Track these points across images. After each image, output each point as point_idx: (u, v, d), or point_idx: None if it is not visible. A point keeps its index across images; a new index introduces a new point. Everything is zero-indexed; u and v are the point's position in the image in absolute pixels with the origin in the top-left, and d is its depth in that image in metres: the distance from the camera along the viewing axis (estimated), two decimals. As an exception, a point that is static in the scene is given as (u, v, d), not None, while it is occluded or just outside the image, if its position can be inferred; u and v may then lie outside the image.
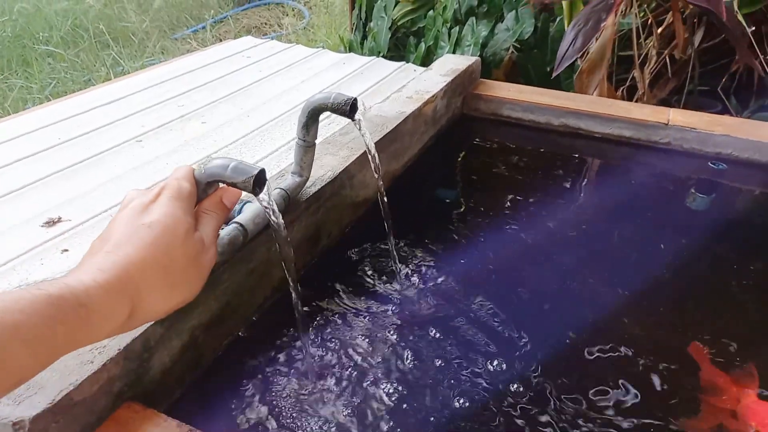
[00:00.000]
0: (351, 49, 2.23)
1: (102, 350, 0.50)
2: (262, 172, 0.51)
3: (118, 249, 0.43)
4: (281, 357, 0.65)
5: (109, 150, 0.99)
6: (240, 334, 0.66)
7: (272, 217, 0.55)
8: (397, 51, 2.12)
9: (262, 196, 0.52)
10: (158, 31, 3.44)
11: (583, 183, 1.09)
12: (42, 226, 0.76)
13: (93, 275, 0.40)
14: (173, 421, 0.50)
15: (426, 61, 1.94)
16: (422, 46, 1.92)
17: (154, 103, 1.17)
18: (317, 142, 0.71)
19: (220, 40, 3.42)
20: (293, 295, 0.60)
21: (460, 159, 1.14)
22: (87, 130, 1.05)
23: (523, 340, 0.68)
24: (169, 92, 1.22)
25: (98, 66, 2.90)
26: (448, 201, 1.00)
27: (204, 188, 0.52)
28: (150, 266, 0.44)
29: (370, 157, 0.69)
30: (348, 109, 0.64)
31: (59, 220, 0.77)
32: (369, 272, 0.79)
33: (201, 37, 3.47)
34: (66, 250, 0.72)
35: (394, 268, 0.78)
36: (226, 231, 0.62)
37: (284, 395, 0.61)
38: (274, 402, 0.60)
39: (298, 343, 0.66)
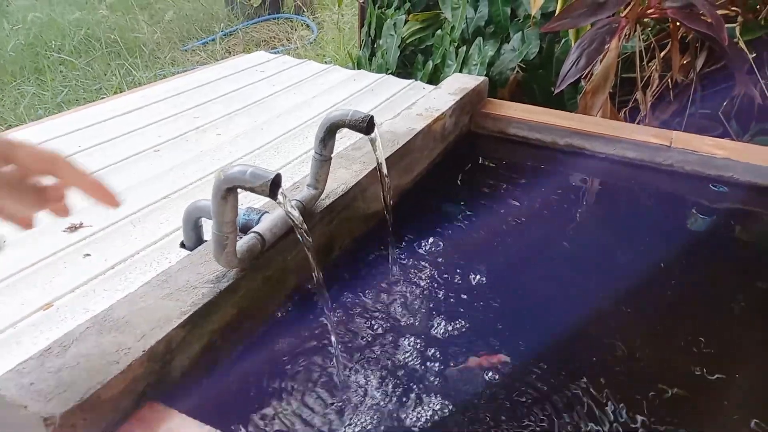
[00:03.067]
0: (359, 65, 2.27)
1: (128, 351, 0.52)
2: (278, 176, 0.53)
3: None
4: (295, 361, 0.67)
5: (128, 158, 1.02)
6: (255, 338, 0.68)
7: (293, 219, 0.58)
8: (404, 68, 2.16)
9: (279, 198, 0.54)
10: (169, 43, 3.49)
11: (587, 202, 1.12)
12: (64, 231, 0.79)
13: None
14: (194, 422, 0.53)
15: (433, 78, 1.98)
16: (430, 64, 1.96)
17: (170, 114, 1.20)
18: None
19: (230, 53, 3.48)
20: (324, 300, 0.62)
21: (466, 175, 1.16)
22: (106, 139, 1.08)
23: (516, 348, 0.71)
24: (185, 104, 1.26)
25: (109, 75, 2.95)
26: (454, 216, 1.03)
27: (224, 194, 0.55)
28: None
29: (381, 176, 0.72)
30: (365, 126, 0.67)
31: (81, 225, 0.80)
32: (375, 282, 0.81)
33: (210, 49, 3.53)
34: (88, 255, 0.74)
35: (396, 279, 0.81)
36: (246, 239, 0.64)
37: (297, 397, 0.63)
38: (288, 403, 0.62)
39: (312, 346, 0.68)
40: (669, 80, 1.81)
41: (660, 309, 0.82)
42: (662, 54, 1.79)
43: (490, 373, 0.67)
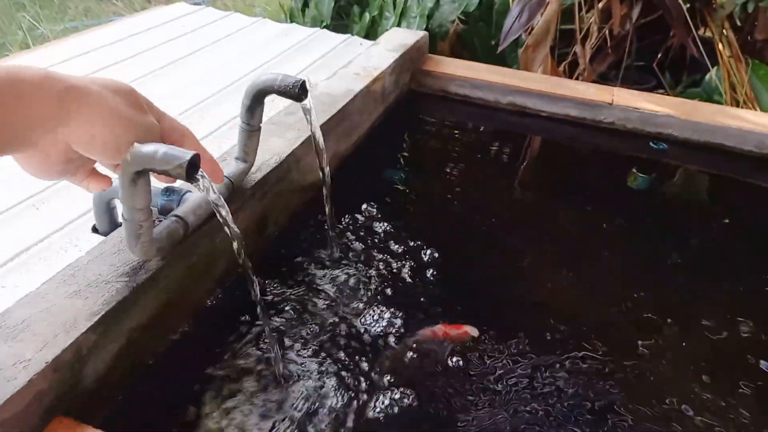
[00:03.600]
0: (292, 17, 2.14)
1: (27, 364, 0.45)
2: (195, 157, 0.46)
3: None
4: (226, 354, 0.62)
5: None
6: (182, 332, 0.62)
7: (218, 208, 0.51)
8: (339, 20, 2.05)
9: (199, 181, 0.48)
10: (81, -9, 3.18)
11: (530, 162, 1.10)
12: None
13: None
14: (109, 436, 0.47)
15: (370, 31, 1.89)
16: (367, 16, 1.87)
17: (81, 75, 1.07)
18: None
19: (150, 2, 3.22)
20: (252, 289, 0.57)
21: (408, 137, 1.11)
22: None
23: (463, 314, 0.69)
24: (98, 62, 1.13)
25: (14, 28, 2.66)
26: (397, 180, 0.98)
27: (133, 178, 0.48)
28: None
29: (317, 149, 0.66)
30: (297, 92, 0.60)
31: (-27, 210, 0.70)
32: (313, 259, 0.76)
33: (129, -2, 3.25)
34: (-18, 245, 0.65)
35: (337, 254, 0.77)
36: (165, 224, 0.57)
37: (230, 395, 0.58)
38: (221, 404, 0.57)
39: (247, 338, 0.63)
40: (606, 32, 1.80)
41: (599, 268, 0.82)
42: (600, 5, 1.77)
43: (453, 347, 0.64)
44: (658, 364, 0.66)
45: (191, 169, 0.46)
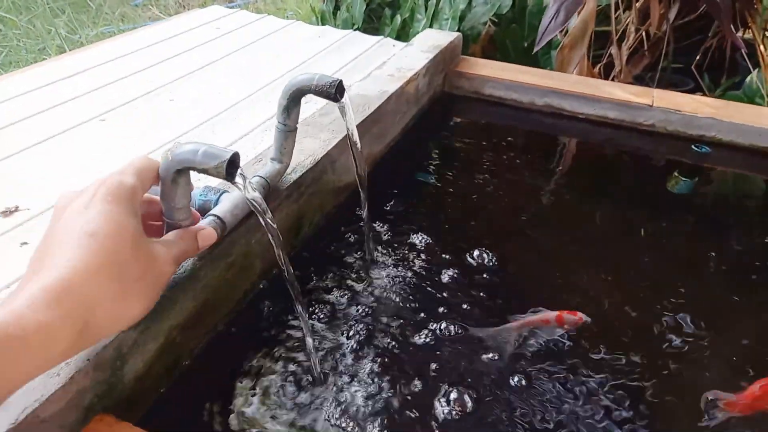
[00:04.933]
0: (323, 20, 2.15)
1: (69, 361, 0.46)
2: (236, 155, 0.46)
3: (59, 264, 0.38)
4: (263, 353, 0.62)
5: (71, 129, 0.92)
6: (219, 331, 0.62)
7: (255, 205, 0.51)
8: (371, 23, 2.05)
9: (238, 180, 0.48)
10: (117, -3, 3.25)
11: (566, 165, 1.08)
12: (-3, 215, 0.70)
13: (29, 300, 0.36)
14: (149, 434, 0.47)
15: (401, 34, 1.88)
16: (398, 19, 1.86)
17: (119, 77, 1.09)
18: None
19: (184, 7, 3.27)
20: (291, 289, 0.56)
21: (442, 139, 1.10)
22: (43, 109, 0.98)
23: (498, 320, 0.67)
24: (134, 65, 1.15)
25: (53, 34, 2.73)
26: (430, 183, 0.97)
27: (173, 177, 0.48)
28: (99, 277, 0.39)
29: (353, 148, 0.65)
30: (333, 92, 0.60)
31: (16, 209, 0.71)
32: (350, 260, 0.76)
33: (163, 3, 3.31)
34: (26, 243, 0.66)
35: (370, 258, 0.76)
36: (203, 224, 0.57)
37: (267, 393, 0.57)
38: (258, 402, 0.57)
39: (283, 338, 0.63)
40: (643, 33, 1.76)
41: (637, 273, 0.79)
42: (638, 5, 1.73)
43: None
44: (696, 370, 0.63)
45: (231, 168, 0.46)
